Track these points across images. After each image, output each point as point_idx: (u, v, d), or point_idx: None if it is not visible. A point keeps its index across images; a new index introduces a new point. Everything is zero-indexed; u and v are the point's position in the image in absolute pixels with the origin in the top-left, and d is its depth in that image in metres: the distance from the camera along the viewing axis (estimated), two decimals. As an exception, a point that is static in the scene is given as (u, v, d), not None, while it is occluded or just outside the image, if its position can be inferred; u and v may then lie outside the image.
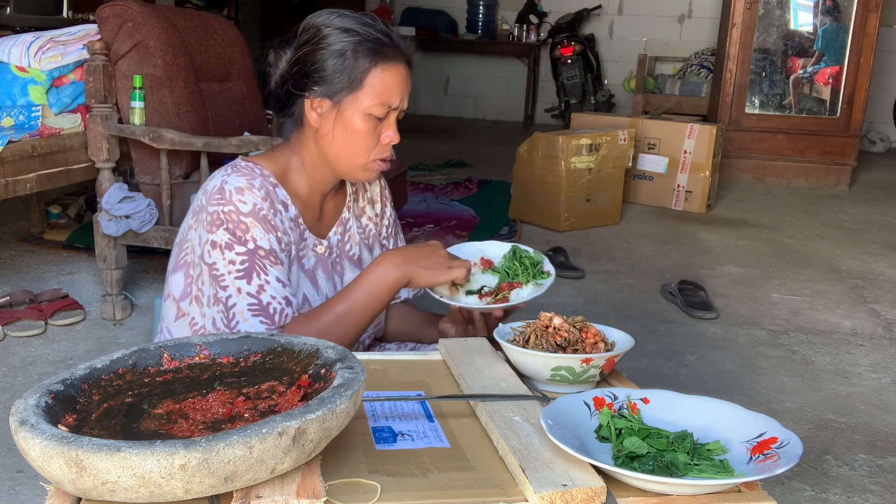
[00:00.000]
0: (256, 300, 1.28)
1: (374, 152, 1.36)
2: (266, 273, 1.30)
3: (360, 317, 1.31)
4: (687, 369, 2.48)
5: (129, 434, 0.85)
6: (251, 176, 1.33)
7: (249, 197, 1.31)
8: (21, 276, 3.03)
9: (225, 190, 1.31)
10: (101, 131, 2.54)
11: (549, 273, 1.39)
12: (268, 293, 1.29)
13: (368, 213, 1.55)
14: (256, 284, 1.29)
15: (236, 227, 1.29)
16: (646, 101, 6.70)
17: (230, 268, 1.29)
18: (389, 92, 1.33)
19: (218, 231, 1.29)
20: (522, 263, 1.40)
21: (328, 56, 1.32)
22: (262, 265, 1.30)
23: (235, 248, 1.29)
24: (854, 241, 4.05)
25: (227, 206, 1.30)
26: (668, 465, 0.90)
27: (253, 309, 1.28)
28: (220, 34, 2.86)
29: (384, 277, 1.31)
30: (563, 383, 1.13)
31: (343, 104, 1.33)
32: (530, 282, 1.38)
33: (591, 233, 4.03)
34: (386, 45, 1.33)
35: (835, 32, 5.35)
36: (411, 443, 0.96)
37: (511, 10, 7.91)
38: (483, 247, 1.46)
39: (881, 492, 1.85)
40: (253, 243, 1.30)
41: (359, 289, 1.31)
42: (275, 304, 1.29)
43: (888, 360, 2.61)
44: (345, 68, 1.31)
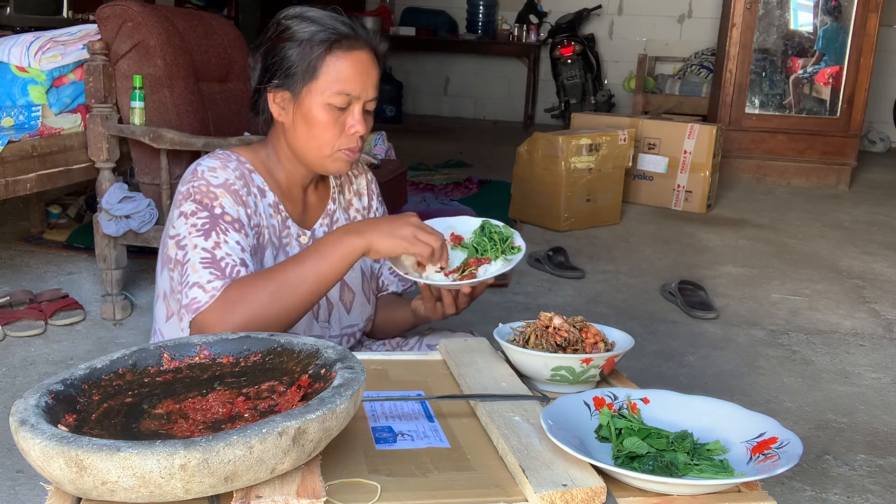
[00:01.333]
0: (210, 254, 1.25)
1: (339, 142, 1.34)
2: (226, 235, 1.27)
3: (314, 281, 1.22)
4: (687, 369, 2.48)
5: (129, 434, 0.85)
6: (226, 159, 1.35)
7: (222, 174, 1.32)
8: (21, 276, 3.03)
9: (198, 170, 1.32)
10: (101, 131, 2.54)
11: (520, 248, 1.35)
12: (223, 250, 1.25)
13: (356, 205, 1.54)
14: (213, 241, 1.26)
15: (204, 197, 1.29)
16: (646, 101, 6.70)
17: (191, 230, 1.27)
18: (346, 80, 1.31)
19: (185, 203, 1.29)
20: (492, 239, 1.35)
21: (286, 48, 1.33)
22: (223, 228, 1.27)
23: (199, 214, 1.28)
24: (854, 241, 4.05)
25: (198, 182, 1.30)
26: (668, 465, 0.90)
27: (205, 262, 1.24)
28: (220, 34, 2.86)
29: (339, 241, 1.23)
30: (563, 383, 1.13)
31: (301, 95, 1.32)
32: (499, 257, 1.33)
33: (591, 233, 4.03)
34: (342, 34, 1.31)
35: (835, 32, 5.35)
36: (411, 443, 0.96)
37: (511, 10, 7.91)
38: (453, 222, 1.41)
39: (881, 492, 1.85)
40: (220, 209, 1.28)
41: (314, 252, 1.24)
42: (228, 260, 1.25)
43: (888, 360, 2.61)
44: (300, 59, 1.31)
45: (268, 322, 1.20)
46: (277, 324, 1.21)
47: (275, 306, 1.19)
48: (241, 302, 1.19)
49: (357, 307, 1.52)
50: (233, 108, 2.83)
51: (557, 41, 7.24)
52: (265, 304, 1.19)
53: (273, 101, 1.35)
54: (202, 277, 1.22)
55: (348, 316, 1.51)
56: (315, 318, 1.45)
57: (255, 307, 1.19)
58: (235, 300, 1.20)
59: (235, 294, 1.20)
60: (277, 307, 1.20)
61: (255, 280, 1.22)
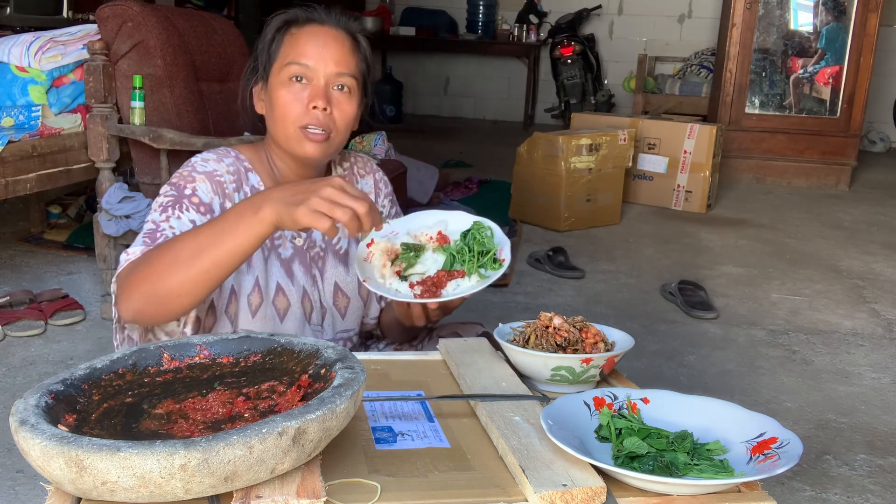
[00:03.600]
0: (155, 226, 1.21)
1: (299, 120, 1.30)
2: (183, 213, 1.24)
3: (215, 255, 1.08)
4: (687, 369, 2.48)
5: (129, 434, 0.85)
6: (224, 155, 1.35)
7: (212, 165, 1.32)
8: (21, 276, 3.03)
9: (191, 162, 1.32)
10: (101, 131, 2.54)
11: (502, 263, 1.21)
12: (170, 223, 1.21)
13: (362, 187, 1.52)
14: (166, 216, 1.23)
15: (181, 180, 1.28)
16: (646, 101, 6.69)
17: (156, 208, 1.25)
18: (300, 53, 1.30)
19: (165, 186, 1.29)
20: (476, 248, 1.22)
21: (260, 42, 1.37)
22: (184, 206, 1.24)
23: (168, 192, 1.27)
24: (854, 241, 4.05)
25: (185, 169, 1.31)
26: (668, 465, 0.90)
27: (147, 233, 1.20)
28: (220, 34, 2.86)
29: (245, 213, 1.07)
30: (563, 383, 1.13)
31: (269, 80, 1.35)
32: (475, 273, 1.21)
33: (591, 233, 4.02)
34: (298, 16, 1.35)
35: (836, 32, 5.35)
36: (411, 443, 0.96)
37: (511, 10, 7.91)
38: (446, 217, 1.29)
39: (881, 492, 1.85)
40: (190, 191, 1.27)
41: (220, 222, 1.10)
42: (164, 234, 1.20)
43: (888, 360, 2.61)
44: (265, 45, 1.35)
45: (167, 294, 1.09)
46: (175, 294, 1.10)
47: (173, 275, 1.09)
48: (144, 266, 1.12)
49: (352, 312, 1.49)
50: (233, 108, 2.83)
51: (557, 41, 7.24)
52: (163, 272, 1.09)
53: (257, 97, 1.39)
54: (134, 245, 1.20)
55: (343, 321, 1.48)
56: (307, 321, 1.42)
57: (153, 273, 1.10)
58: (141, 262, 1.14)
59: (143, 258, 1.14)
60: (176, 279, 1.09)
61: (162, 246, 1.13)
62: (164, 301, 1.11)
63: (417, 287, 1.21)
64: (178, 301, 1.11)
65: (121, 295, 1.14)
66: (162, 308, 1.12)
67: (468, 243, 1.24)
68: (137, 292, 1.12)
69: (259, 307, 1.35)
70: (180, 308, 1.13)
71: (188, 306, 1.13)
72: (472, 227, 1.26)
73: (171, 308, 1.12)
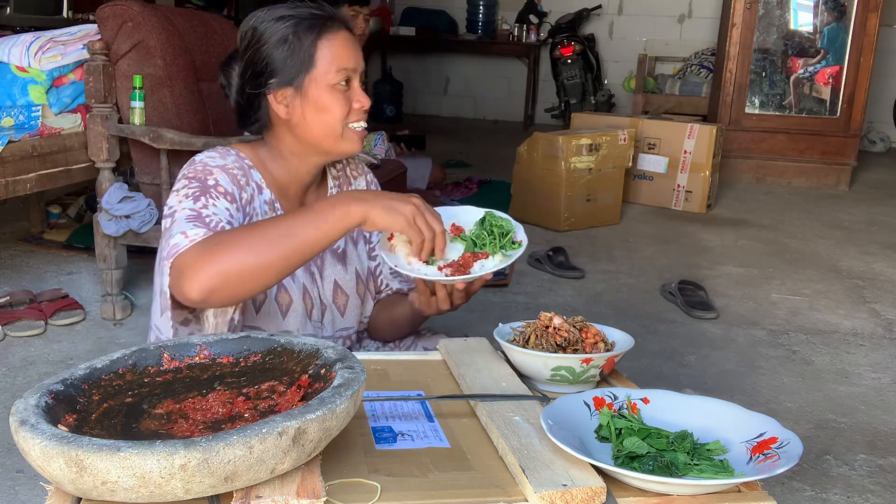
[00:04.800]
0: (195, 212, 1.22)
1: (349, 120, 1.37)
2: (215, 200, 1.25)
3: (301, 239, 1.15)
4: (687, 369, 2.48)
5: (129, 434, 0.85)
6: (225, 153, 1.36)
7: (220, 161, 1.33)
8: (21, 276, 3.03)
9: (195, 160, 1.33)
10: (101, 131, 2.53)
11: (521, 244, 1.30)
12: (209, 210, 1.23)
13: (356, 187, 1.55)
14: (201, 203, 1.24)
15: (199, 174, 1.29)
16: (646, 101, 6.69)
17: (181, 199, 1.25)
18: (342, 58, 1.35)
19: (179, 182, 1.29)
20: (492, 233, 1.30)
21: (271, 48, 1.34)
22: (214, 195, 1.26)
23: (191, 185, 1.27)
24: (854, 241, 4.05)
25: (195, 165, 1.31)
26: (668, 465, 0.90)
27: (189, 218, 1.21)
28: (220, 34, 2.86)
29: (336, 204, 1.17)
30: (563, 383, 1.13)
31: (304, 86, 1.35)
32: (497, 253, 1.29)
33: (591, 233, 4.02)
34: (322, 18, 1.35)
35: (836, 32, 5.35)
36: (411, 443, 0.96)
37: (511, 10, 7.90)
38: (457, 211, 1.36)
39: (881, 492, 1.85)
40: (213, 181, 1.28)
41: (308, 211, 1.17)
42: (213, 218, 1.22)
43: (888, 360, 2.61)
44: (292, 52, 1.34)
45: (241, 273, 1.13)
46: (253, 278, 1.14)
47: (254, 258, 1.13)
48: (222, 245, 1.13)
49: (351, 310, 1.51)
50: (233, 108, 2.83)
51: (557, 41, 7.24)
52: (244, 254, 1.13)
53: (276, 102, 1.36)
54: (185, 228, 1.19)
55: (342, 318, 1.50)
56: (308, 318, 1.43)
57: (234, 254, 1.12)
58: (217, 243, 1.14)
59: (218, 238, 1.16)
60: (258, 259, 1.13)
61: (242, 228, 1.18)
62: (241, 280, 1.13)
63: (446, 269, 1.26)
64: (255, 282, 1.15)
65: (188, 273, 1.13)
66: (237, 288, 1.14)
67: (486, 228, 1.31)
68: (213, 269, 1.12)
69: (263, 303, 1.37)
70: (255, 289, 1.16)
71: (262, 287, 1.17)
72: (485, 216, 1.33)
73: (245, 288, 1.14)
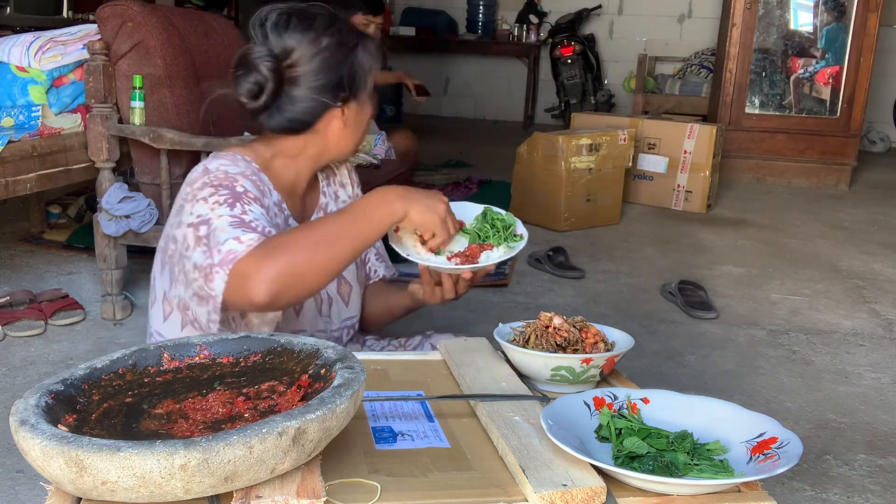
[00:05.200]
0: (238, 218, 1.22)
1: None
2: (250, 206, 1.25)
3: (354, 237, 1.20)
4: (687, 369, 2.48)
5: (129, 434, 0.85)
6: (234, 159, 1.34)
7: (235, 168, 1.31)
8: (21, 276, 3.03)
9: (209, 168, 1.30)
10: (101, 131, 2.53)
11: (522, 236, 1.35)
12: (250, 216, 1.23)
13: (342, 196, 1.56)
14: (239, 209, 1.23)
15: (223, 181, 1.27)
16: (646, 101, 6.69)
17: (214, 206, 1.24)
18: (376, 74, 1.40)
19: (203, 190, 1.26)
20: (494, 226, 1.34)
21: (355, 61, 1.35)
22: (247, 201, 1.25)
23: (220, 192, 1.25)
24: (854, 241, 4.05)
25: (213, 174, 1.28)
26: (668, 465, 0.90)
27: (234, 223, 1.20)
28: (220, 34, 2.86)
29: (382, 202, 1.21)
30: (563, 383, 1.13)
31: (361, 102, 1.38)
32: (502, 244, 1.33)
33: (591, 233, 4.02)
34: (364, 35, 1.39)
35: (836, 32, 5.35)
36: (411, 443, 0.96)
37: (511, 10, 7.90)
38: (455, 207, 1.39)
39: (881, 492, 1.85)
40: (242, 188, 1.27)
41: (356, 209, 1.22)
42: (256, 223, 1.22)
43: (888, 360, 2.61)
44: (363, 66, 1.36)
45: (303, 273, 1.15)
46: (313, 277, 1.17)
47: (314, 257, 1.16)
48: (281, 249, 1.15)
49: (354, 299, 1.54)
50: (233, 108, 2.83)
51: (557, 41, 7.24)
52: (304, 254, 1.15)
53: (340, 115, 1.36)
54: (234, 234, 1.19)
55: (347, 308, 1.52)
56: (318, 313, 1.45)
57: (294, 255, 1.14)
58: (275, 246, 1.16)
59: (275, 242, 1.17)
60: (316, 258, 1.16)
61: (296, 231, 1.20)
62: (304, 281, 1.16)
63: (454, 260, 1.31)
64: (317, 281, 1.18)
65: (253, 277, 1.13)
66: (300, 289, 1.17)
67: (489, 222, 1.35)
68: (278, 272, 1.13)
69: None
70: (315, 288, 1.20)
71: (322, 286, 1.21)
72: (485, 210, 1.37)
73: (308, 288, 1.18)
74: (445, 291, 1.38)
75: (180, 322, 1.35)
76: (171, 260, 1.33)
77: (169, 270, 1.35)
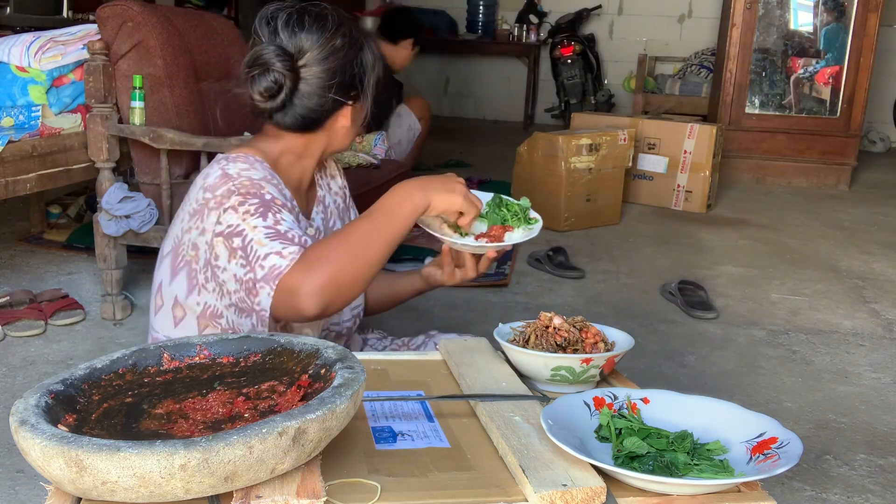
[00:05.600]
0: (273, 230, 1.23)
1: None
2: (281, 214, 1.26)
3: (387, 237, 1.23)
4: (687, 369, 2.48)
5: (129, 434, 0.85)
6: (250, 162, 1.33)
7: (254, 172, 1.30)
8: (21, 276, 3.03)
9: (229, 173, 1.29)
10: (101, 131, 2.53)
11: (537, 219, 1.40)
12: (283, 226, 1.24)
13: (333, 187, 1.58)
14: (272, 220, 1.24)
15: (249, 188, 1.27)
16: (646, 101, 6.69)
17: (245, 216, 1.24)
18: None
19: (230, 199, 1.26)
20: (510, 209, 1.39)
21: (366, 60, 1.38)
22: (277, 209, 1.26)
23: (249, 201, 1.26)
24: (854, 241, 4.05)
25: (237, 181, 1.28)
26: (668, 465, 0.90)
27: (270, 235, 1.22)
28: (220, 34, 2.86)
29: (405, 198, 1.24)
30: (563, 383, 1.13)
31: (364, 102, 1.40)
32: (521, 226, 1.38)
33: (591, 233, 4.02)
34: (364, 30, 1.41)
35: (836, 32, 5.35)
36: (411, 443, 0.96)
37: (511, 10, 7.90)
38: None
39: (881, 492, 1.85)
40: (269, 195, 1.27)
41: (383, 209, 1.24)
42: (292, 233, 1.24)
43: (888, 360, 2.61)
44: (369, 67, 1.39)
45: (348, 280, 1.18)
46: (357, 282, 1.20)
47: (355, 263, 1.19)
48: (323, 260, 1.17)
49: None
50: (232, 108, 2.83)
51: (557, 41, 7.23)
52: (345, 262, 1.18)
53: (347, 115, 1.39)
54: (274, 247, 1.21)
55: None
56: None
57: (337, 264, 1.17)
58: (317, 258, 1.18)
59: (315, 253, 1.19)
60: (357, 264, 1.19)
61: (332, 240, 1.22)
62: (350, 287, 1.20)
63: (482, 239, 1.35)
64: (360, 285, 1.22)
65: (302, 291, 1.16)
66: (346, 295, 1.20)
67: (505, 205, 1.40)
68: (325, 282, 1.16)
69: None
70: (359, 292, 1.23)
71: (364, 289, 1.25)
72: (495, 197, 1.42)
73: (352, 293, 1.20)
74: (468, 269, 1.42)
75: (196, 328, 1.35)
76: (189, 266, 1.32)
77: (186, 276, 1.33)
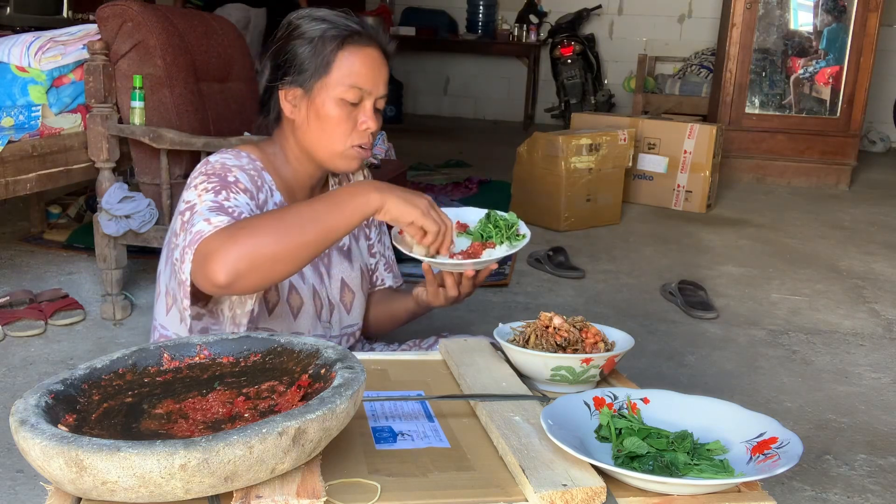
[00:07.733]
0: (218, 203, 1.22)
1: (351, 139, 1.35)
2: (236, 195, 1.25)
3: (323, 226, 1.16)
4: (687, 369, 2.48)
5: (129, 434, 0.85)
6: (238, 155, 1.35)
7: (237, 162, 1.32)
8: (21, 276, 3.03)
9: (210, 160, 1.32)
10: (101, 131, 2.53)
11: (525, 235, 1.37)
12: (231, 202, 1.23)
13: None
14: (223, 196, 1.24)
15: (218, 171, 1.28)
16: (646, 101, 6.69)
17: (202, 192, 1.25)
18: (358, 75, 1.33)
19: (197, 178, 1.28)
20: (497, 226, 1.36)
21: (298, 45, 1.34)
22: (234, 190, 1.26)
23: (210, 180, 1.27)
24: (854, 241, 4.05)
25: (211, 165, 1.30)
26: (668, 465, 0.90)
27: (212, 208, 1.21)
28: (220, 34, 2.85)
29: (356, 193, 1.18)
30: (563, 383, 1.13)
31: (314, 91, 1.33)
32: (504, 242, 1.35)
33: (591, 233, 4.02)
34: (354, 31, 1.34)
35: (836, 32, 5.35)
36: (411, 443, 0.96)
37: (511, 10, 7.91)
38: (459, 212, 1.42)
39: (881, 492, 1.85)
40: (234, 178, 1.28)
41: (329, 198, 1.19)
42: (235, 209, 1.22)
43: (888, 360, 2.61)
44: (313, 54, 1.33)
45: (268, 256, 1.13)
46: (279, 261, 1.14)
47: (281, 242, 1.13)
48: (247, 230, 1.14)
49: (356, 307, 1.54)
50: (233, 108, 2.83)
51: (557, 41, 7.24)
52: (271, 238, 1.13)
53: (285, 99, 1.36)
54: (208, 216, 1.19)
55: (349, 316, 1.52)
56: (318, 318, 1.45)
57: (260, 238, 1.13)
58: (241, 227, 1.15)
59: (242, 224, 1.16)
60: (283, 243, 1.14)
61: (266, 215, 1.18)
62: (267, 265, 1.14)
63: (458, 257, 1.31)
64: (281, 266, 1.15)
65: (214, 257, 1.13)
66: (263, 273, 1.14)
67: (493, 222, 1.37)
68: (240, 253, 1.12)
69: (276, 305, 1.37)
70: (279, 275, 1.17)
71: (286, 274, 1.18)
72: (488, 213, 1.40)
73: (271, 273, 1.15)
74: (448, 290, 1.36)
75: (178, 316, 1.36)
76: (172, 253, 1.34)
77: (171, 263, 1.35)
